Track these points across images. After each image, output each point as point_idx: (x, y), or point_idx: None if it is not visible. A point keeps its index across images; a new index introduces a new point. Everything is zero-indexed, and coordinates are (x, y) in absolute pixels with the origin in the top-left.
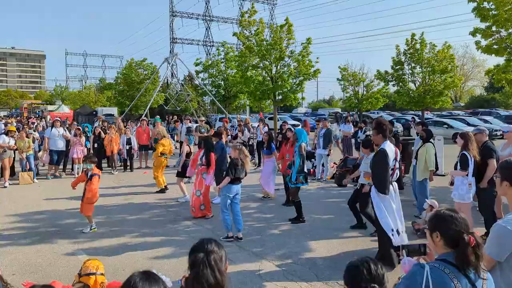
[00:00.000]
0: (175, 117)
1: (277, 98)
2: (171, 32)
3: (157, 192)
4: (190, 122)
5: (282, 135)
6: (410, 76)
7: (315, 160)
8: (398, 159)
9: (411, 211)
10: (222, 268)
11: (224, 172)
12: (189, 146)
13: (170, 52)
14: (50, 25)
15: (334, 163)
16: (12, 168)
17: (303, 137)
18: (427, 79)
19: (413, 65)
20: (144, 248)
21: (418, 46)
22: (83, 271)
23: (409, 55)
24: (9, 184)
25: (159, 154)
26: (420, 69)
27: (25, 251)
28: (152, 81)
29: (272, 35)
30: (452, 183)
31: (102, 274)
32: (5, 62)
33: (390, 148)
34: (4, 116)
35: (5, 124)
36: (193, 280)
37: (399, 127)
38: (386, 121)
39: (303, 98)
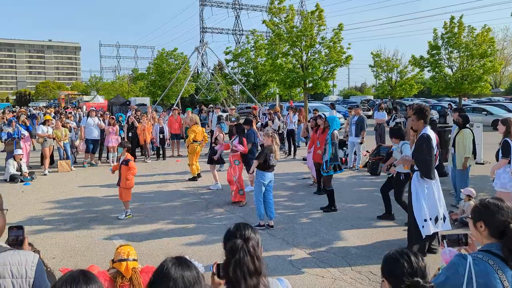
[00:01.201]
0: (209, 107)
1: (307, 85)
2: (201, 22)
3: (189, 179)
4: (220, 111)
5: (314, 121)
6: (447, 61)
7: (347, 148)
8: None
9: (448, 200)
10: (260, 254)
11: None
12: (223, 134)
13: (200, 41)
14: (85, 17)
15: (367, 151)
16: (52, 156)
17: (335, 124)
18: (465, 64)
19: (450, 49)
20: (177, 235)
21: (456, 29)
22: (116, 257)
23: (446, 39)
24: (49, 172)
25: (191, 141)
26: (458, 53)
27: (65, 236)
28: (183, 71)
29: (302, 22)
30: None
31: (134, 260)
32: (43, 55)
33: (432, 133)
34: (43, 106)
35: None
36: (234, 266)
37: (434, 114)
38: (427, 106)
39: (334, 86)
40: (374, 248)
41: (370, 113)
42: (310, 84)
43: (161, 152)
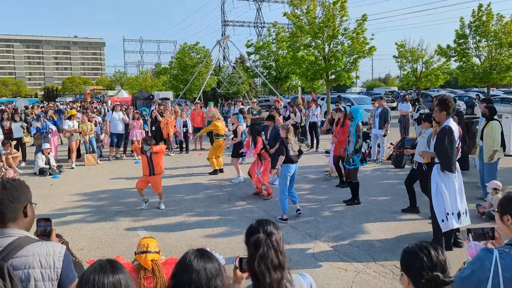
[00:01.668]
0: (232, 100)
1: (330, 77)
2: (222, 15)
3: (210, 173)
4: (241, 104)
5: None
6: (474, 51)
7: (370, 140)
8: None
9: (474, 193)
10: (283, 249)
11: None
12: (241, 126)
13: (222, 35)
14: (109, 13)
15: (391, 143)
16: (78, 150)
17: (359, 116)
18: (494, 53)
19: (478, 38)
20: (200, 227)
21: (484, 18)
22: (137, 249)
23: (474, 28)
24: (76, 165)
25: (216, 135)
26: (486, 42)
27: (92, 227)
28: (205, 65)
29: (324, 13)
30: None
31: (156, 252)
32: (69, 51)
33: (454, 125)
34: (69, 101)
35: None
36: (258, 261)
37: (461, 105)
38: (450, 97)
39: (357, 77)
40: (398, 242)
41: (394, 104)
42: (333, 76)
43: (184, 145)
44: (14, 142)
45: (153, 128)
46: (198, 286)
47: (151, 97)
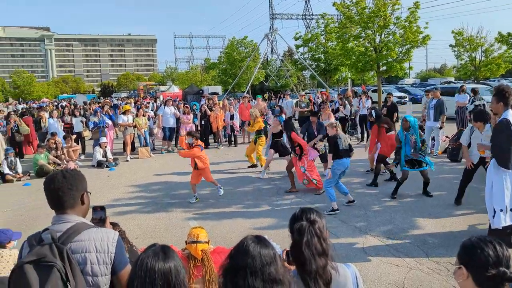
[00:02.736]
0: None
1: (381, 69)
2: (270, 8)
3: (249, 167)
4: (289, 97)
5: (386, 108)
6: None
7: (424, 133)
8: None
9: None
10: (326, 237)
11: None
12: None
13: (270, 28)
14: (160, 10)
15: (447, 136)
16: (133, 143)
17: (416, 126)
18: None
19: None
20: (249, 218)
21: None
22: (188, 238)
23: None
24: (131, 158)
25: (258, 133)
26: None
27: (146, 217)
28: (253, 59)
29: (375, 2)
30: None
31: (206, 242)
32: (123, 48)
33: None
34: (124, 97)
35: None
36: (303, 247)
37: None
38: (509, 87)
39: (410, 68)
40: (453, 238)
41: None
42: (384, 67)
43: (232, 139)
44: (74, 136)
45: (203, 122)
46: (252, 271)
47: (200, 91)
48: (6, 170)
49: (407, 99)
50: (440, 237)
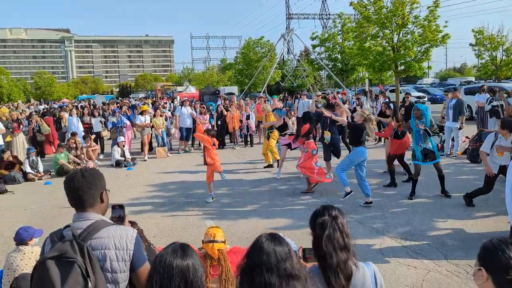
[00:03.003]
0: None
1: (399, 68)
2: (287, 8)
3: (265, 167)
4: (306, 97)
5: (404, 108)
6: None
7: (443, 134)
8: None
9: None
10: (348, 232)
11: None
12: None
13: (286, 28)
14: (177, 11)
15: (466, 137)
16: (150, 143)
17: (428, 113)
18: None
19: None
20: (265, 218)
21: None
22: (204, 238)
23: None
24: (148, 157)
25: (270, 128)
26: None
27: (163, 216)
28: (269, 59)
29: (392, 1)
30: None
31: (222, 241)
32: (141, 49)
33: None
34: (142, 97)
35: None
36: (325, 241)
37: None
38: None
39: (429, 67)
40: (473, 241)
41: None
42: (402, 67)
43: (248, 139)
44: (93, 136)
45: (219, 122)
46: (268, 267)
47: (217, 92)
48: (28, 169)
49: (426, 99)
50: (459, 239)
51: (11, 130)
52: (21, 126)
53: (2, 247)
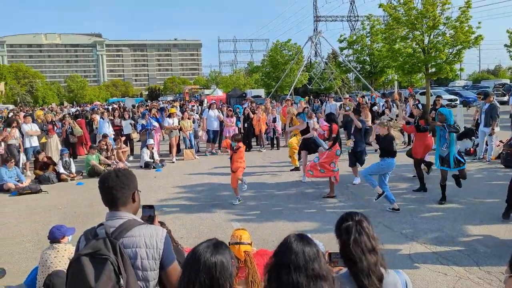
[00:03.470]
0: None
1: (430, 70)
2: (314, 11)
3: (291, 170)
4: (333, 100)
5: (435, 111)
6: None
7: (475, 138)
8: None
9: None
10: (374, 235)
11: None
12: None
13: (314, 30)
14: (205, 15)
15: (501, 141)
16: (178, 145)
17: (452, 117)
18: None
19: None
20: (292, 220)
21: None
22: (231, 240)
23: None
24: (176, 159)
25: (295, 133)
26: None
27: (190, 217)
28: (296, 61)
29: (423, 2)
30: None
31: (248, 243)
32: (169, 53)
33: None
34: (170, 100)
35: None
36: (353, 246)
37: None
38: None
39: (461, 69)
40: (506, 247)
41: (505, 98)
42: (433, 69)
43: (275, 141)
44: (123, 138)
45: (246, 125)
46: (296, 267)
47: (244, 95)
48: (61, 170)
49: (457, 101)
50: (492, 246)
51: (46, 132)
52: (55, 128)
53: (37, 244)
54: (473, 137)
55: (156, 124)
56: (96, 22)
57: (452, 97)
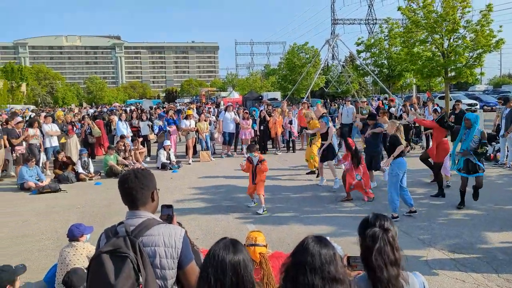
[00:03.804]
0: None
1: (449, 74)
2: (332, 14)
3: (307, 173)
4: (350, 104)
5: (455, 115)
6: None
7: (496, 143)
8: None
9: None
10: (398, 246)
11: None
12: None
13: (331, 33)
14: (222, 18)
15: None
16: (194, 147)
17: (478, 123)
18: None
19: None
20: (307, 224)
21: None
22: (246, 241)
23: None
24: (192, 161)
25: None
26: None
27: (206, 219)
28: (313, 64)
29: (443, 5)
30: None
31: (264, 245)
32: (187, 55)
33: None
34: (187, 102)
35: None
36: (376, 255)
37: None
38: None
39: (482, 74)
40: None
41: None
42: (453, 73)
43: (291, 144)
44: (140, 139)
45: (262, 128)
46: (312, 269)
47: (260, 97)
48: (80, 170)
49: (477, 106)
50: (511, 253)
51: (65, 132)
52: (75, 129)
53: (56, 242)
54: (493, 143)
55: (173, 125)
56: (115, 25)
57: (472, 101)
